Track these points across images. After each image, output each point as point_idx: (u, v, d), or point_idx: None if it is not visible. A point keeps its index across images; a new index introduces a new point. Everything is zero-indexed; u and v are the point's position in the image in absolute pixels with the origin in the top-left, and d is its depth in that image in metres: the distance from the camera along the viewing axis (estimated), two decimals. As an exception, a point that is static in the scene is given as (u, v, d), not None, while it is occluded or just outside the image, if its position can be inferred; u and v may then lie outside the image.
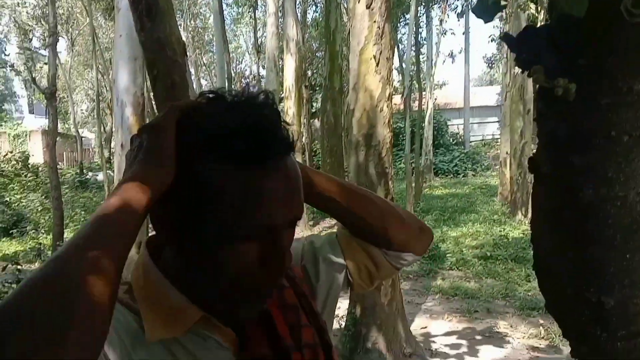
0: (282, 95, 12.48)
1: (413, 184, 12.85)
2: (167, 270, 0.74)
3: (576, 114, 0.98)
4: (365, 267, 0.94)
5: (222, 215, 0.66)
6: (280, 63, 11.44)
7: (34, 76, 9.46)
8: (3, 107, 29.86)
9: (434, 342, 5.23)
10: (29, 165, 19.08)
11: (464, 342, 5.16)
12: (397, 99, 18.99)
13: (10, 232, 11.34)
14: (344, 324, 5.10)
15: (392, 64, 5.16)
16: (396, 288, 4.94)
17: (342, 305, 5.46)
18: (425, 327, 5.63)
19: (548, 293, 1.39)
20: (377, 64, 4.70)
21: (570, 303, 1.30)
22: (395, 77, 22.13)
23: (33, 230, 11.21)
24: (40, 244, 8.24)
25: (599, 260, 1.20)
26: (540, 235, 1.38)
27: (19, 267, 6.70)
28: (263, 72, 11.30)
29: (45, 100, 8.17)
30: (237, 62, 30.60)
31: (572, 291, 1.28)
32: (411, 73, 16.88)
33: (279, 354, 0.76)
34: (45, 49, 8.86)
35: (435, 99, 19.93)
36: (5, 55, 27.48)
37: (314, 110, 22.23)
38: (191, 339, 0.73)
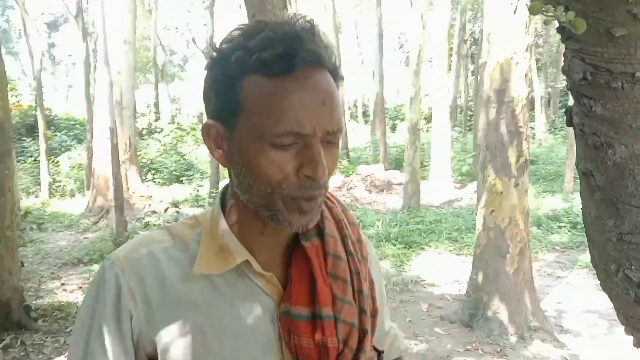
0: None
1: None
2: (226, 210, 0.80)
3: (589, 50, 0.79)
4: None
5: (255, 123, 0.70)
6: (428, 16, 10.93)
7: (193, 37, 10.27)
8: (184, 68, 33.12)
9: (567, 318, 4.80)
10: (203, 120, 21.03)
11: (602, 322, 4.65)
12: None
13: (180, 179, 12.76)
14: (464, 289, 4.92)
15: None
16: (525, 257, 4.59)
17: (464, 270, 5.26)
18: (560, 303, 5.18)
19: (597, 268, 1.20)
20: (515, 11, 4.27)
21: (615, 281, 1.11)
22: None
23: (200, 179, 12.49)
24: (198, 190, 9.17)
25: (640, 232, 0.99)
26: (584, 201, 1.18)
27: (177, 209, 7.55)
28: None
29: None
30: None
31: (616, 267, 1.09)
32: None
33: (315, 318, 0.77)
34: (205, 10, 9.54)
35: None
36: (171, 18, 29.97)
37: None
38: (233, 282, 0.77)
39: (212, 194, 8.51)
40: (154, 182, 12.47)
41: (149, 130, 18.19)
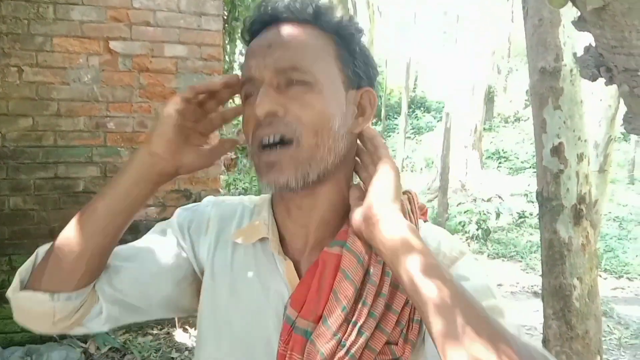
0: None
1: None
2: None
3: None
4: None
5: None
6: None
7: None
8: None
9: None
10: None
11: None
12: None
13: (525, 170, 12.13)
14: None
15: None
16: None
17: None
18: None
19: None
20: None
21: None
22: None
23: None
24: (529, 185, 8.67)
25: None
26: None
27: (501, 199, 7.29)
28: None
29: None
30: None
31: None
32: None
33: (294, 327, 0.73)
34: None
35: None
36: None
37: None
38: (265, 256, 0.79)
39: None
40: (498, 169, 12.25)
41: (516, 118, 17.85)
